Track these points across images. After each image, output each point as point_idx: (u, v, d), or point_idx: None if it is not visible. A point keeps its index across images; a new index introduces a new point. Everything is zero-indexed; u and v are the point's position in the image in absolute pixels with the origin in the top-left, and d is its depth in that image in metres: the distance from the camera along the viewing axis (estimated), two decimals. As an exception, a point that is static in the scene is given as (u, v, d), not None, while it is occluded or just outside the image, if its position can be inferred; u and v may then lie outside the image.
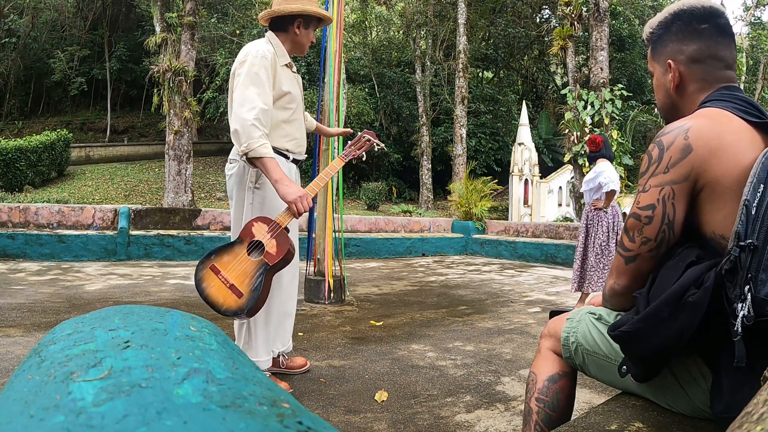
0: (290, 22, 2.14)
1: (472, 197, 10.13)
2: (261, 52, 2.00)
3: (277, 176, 1.92)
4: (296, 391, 2.14)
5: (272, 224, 1.92)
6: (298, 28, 2.15)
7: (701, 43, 0.99)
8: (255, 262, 1.87)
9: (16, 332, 2.81)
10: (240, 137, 1.91)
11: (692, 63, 1.00)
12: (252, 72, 1.97)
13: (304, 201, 1.93)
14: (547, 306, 4.29)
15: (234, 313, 1.83)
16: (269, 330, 2.17)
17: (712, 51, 0.99)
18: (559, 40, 10.86)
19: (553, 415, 1.13)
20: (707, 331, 0.86)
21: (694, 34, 1.00)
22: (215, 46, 17.63)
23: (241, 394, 0.32)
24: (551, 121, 20.79)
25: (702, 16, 0.99)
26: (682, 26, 1.01)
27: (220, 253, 1.91)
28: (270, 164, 1.93)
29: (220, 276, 1.86)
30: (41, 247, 5.91)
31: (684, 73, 1.02)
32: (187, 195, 11.19)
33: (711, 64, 1.00)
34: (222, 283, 1.85)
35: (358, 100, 16.60)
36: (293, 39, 2.18)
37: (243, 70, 1.99)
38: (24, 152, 14.15)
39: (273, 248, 1.88)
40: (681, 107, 1.05)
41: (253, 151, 1.90)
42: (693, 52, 1.00)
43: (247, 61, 1.99)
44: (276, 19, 2.16)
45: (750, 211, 0.81)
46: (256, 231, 1.92)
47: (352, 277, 5.68)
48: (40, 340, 0.45)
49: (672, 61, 1.02)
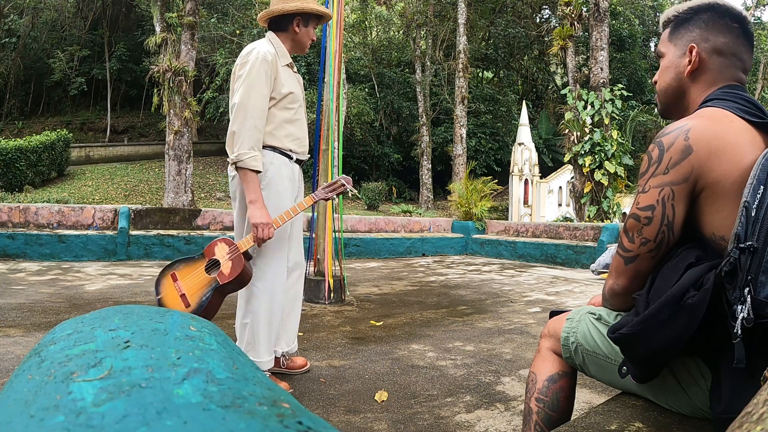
0: (289, 21, 2.14)
1: (472, 197, 10.12)
2: (262, 54, 2.00)
3: (254, 196, 1.98)
4: (296, 391, 2.14)
5: (233, 247, 2.02)
6: (297, 26, 2.15)
7: (729, 38, 1.01)
8: (208, 279, 2.00)
9: (16, 332, 2.81)
10: (234, 142, 1.96)
11: (715, 53, 1.01)
12: (252, 74, 1.97)
13: (268, 229, 1.98)
14: (547, 306, 4.28)
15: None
16: (271, 331, 2.16)
17: (736, 49, 1.01)
18: (559, 40, 10.86)
19: (553, 415, 1.13)
20: (707, 333, 0.86)
21: (724, 28, 1.01)
22: (215, 46, 17.63)
23: (241, 394, 0.32)
24: (551, 121, 20.81)
25: (735, 17, 1.01)
26: (714, 17, 1.02)
27: (182, 264, 2.05)
28: (253, 181, 1.98)
29: (176, 284, 2.01)
30: (41, 247, 5.91)
31: (704, 60, 1.02)
32: (187, 195, 11.19)
33: (731, 61, 1.01)
34: (176, 291, 2.00)
35: (358, 100, 16.60)
36: (293, 38, 2.18)
37: (244, 71, 1.99)
38: (24, 152, 14.16)
39: (227, 269, 1.99)
40: (687, 94, 1.05)
41: (242, 162, 1.95)
42: (719, 44, 1.01)
43: (248, 63, 1.99)
44: (275, 19, 2.16)
45: (750, 213, 0.80)
46: (218, 250, 2.03)
47: (352, 277, 5.68)
48: (40, 340, 0.45)
49: (695, 45, 1.02)
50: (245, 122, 1.95)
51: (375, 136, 19.19)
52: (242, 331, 2.15)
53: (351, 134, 16.91)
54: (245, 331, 2.14)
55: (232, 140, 1.96)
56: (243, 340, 2.14)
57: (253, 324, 2.12)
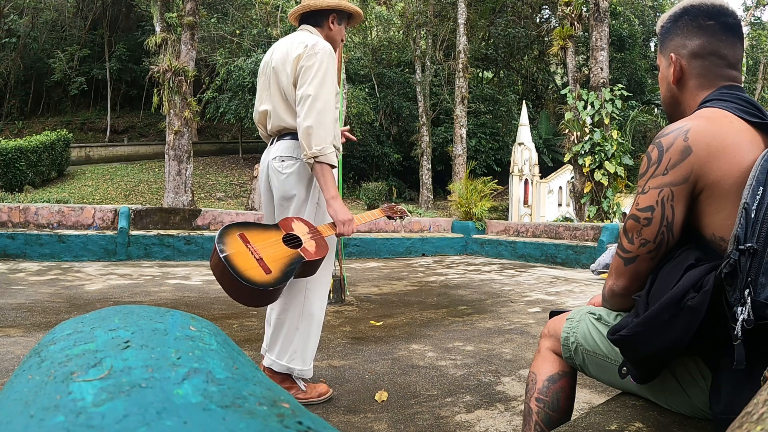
0: (325, 17, 2.05)
1: (472, 197, 10.13)
2: (329, 49, 1.91)
3: (335, 192, 1.86)
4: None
5: (313, 229, 1.86)
6: (332, 23, 2.06)
7: (704, 38, 1.00)
8: (291, 252, 1.73)
9: (16, 332, 2.81)
10: (313, 136, 1.80)
11: (693, 58, 1.01)
12: (324, 68, 1.87)
13: (352, 225, 1.88)
14: (547, 306, 4.28)
15: (253, 287, 1.57)
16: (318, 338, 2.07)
17: (713, 48, 0.99)
18: (559, 40, 10.86)
19: (553, 415, 1.13)
20: (707, 334, 0.86)
21: (698, 30, 1.00)
22: (215, 46, 17.64)
23: (241, 394, 0.32)
24: (551, 121, 20.82)
25: (708, 13, 1.00)
26: (688, 21, 1.02)
27: (250, 227, 1.75)
28: (331, 176, 1.86)
29: (249, 246, 1.67)
30: (41, 247, 5.91)
31: (684, 67, 1.02)
32: (187, 195, 11.20)
33: (711, 61, 1.00)
34: (250, 253, 1.65)
35: (358, 100, 16.60)
36: (327, 35, 2.07)
37: (313, 63, 1.86)
38: (24, 152, 14.16)
39: (312, 248, 1.79)
40: (681, 101, 1.06)
41: (324, 156, 1.81)
42: (695, 47, 1.01)
43: (317, 54, 1.87)
44: (309, 14, 2.05)
45: (749, 214, 0.80)
46: (296, 227, 1.83)
47: (352, 277, 5.68)
48: (40, 340, 0.45)
49: (674, 54, 1.03)
50: (323, 116, 1.83)
51: (375, 136, 19.19)
52: (289, 338, 1.96)
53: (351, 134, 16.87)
54: (294, 336, 1.96)
55: (309, 134, 1.81)
56: (289, 347, 1.95)
57: (308, 329, 1.98)
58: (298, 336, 1.96)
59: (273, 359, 1.97)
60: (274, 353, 1.97)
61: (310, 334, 1.98)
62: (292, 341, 1.95)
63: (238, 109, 16.53)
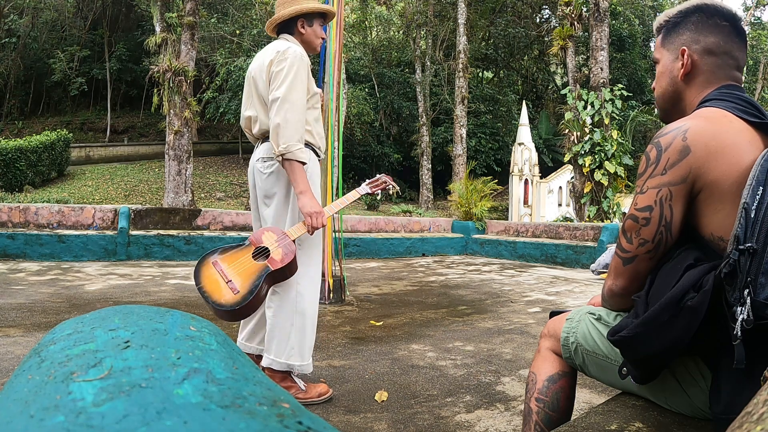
0: (293, 24, 2.15)
1: (472, 197, 10.13)
2: (300, 53, 1.99)
3: (304, 187, 1.92)
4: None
5: (282, 235, 1.93)
6: (302, 27, 2.15)
7: (719, 37, 1.01)
8: (258, 266, 1.86)
9: (16, 332, 2.81)
10: (280, 135, 1.88)
11: (706, 54, 1.01)
12: (294, 70, 1.95)
13: (321, 218, 1.93)
14: (547, 306, 4.28)
15: (224, 309, 1.76)
16: (314, 332, 2.11)
17: (727, 48, 1.00)
18: (559, 40, 10.86)
19: (553, 415, 1.13)
20: (707, 334, 0.86)
21: (714, 28, 1.01)
22: (215, 46, 17.63)
23: (241, 394, 0.32)
24: (551, 121, 20.82)
25: (725, 15, 1.01)
26: (703, 18, 1.02)
27: (224, 252, 1.91)
28: (301, 172, 1.91)
29: (220, 271, 1.85)
30: (41, 247, 5.91)
31: (697, 62, 1.02)
32: (187, 195, 11.20)
33: (724, 60, 1.01)
34: (219, 278, 1.83)
35: (358, 100, 16.60)
36: (302, 39, 2.18)
37: (283, 67, 1.95)
38: (24, 152, 14.16)
39: (278, 255, 1.88)
40: (684, 97, 1.05)
41: (291, 154, 1.88)
42: (710, 44, 1.01)
43: (287, 59, 1.96)
44: (282, 24, 2.17)
45: (749, 214, 0.80)
46: (266, 238, 1.92)
47: (352, 277, 5.68)
48: (40, 340, 0.45)
49: (686, 48, 1.03)
50: (291, 115, 1.90)
51: (375, 136, 19.19)
52: (285, 335, 2.00)
53: (351, 134, 16.91)
54: (291, 333, 2.00)
55: (276, 133, 1.89)
56: (286, 344, 2.00)
57: (303, 325, 2.01)
58: (294, 332, 2.00)
59: (272, 358, 2.00)
60: (272, 352, 2.00)
61: (306, 330, 2.03)
62: (289, 338, 2.00)
63: (238, 109, 16.50)
